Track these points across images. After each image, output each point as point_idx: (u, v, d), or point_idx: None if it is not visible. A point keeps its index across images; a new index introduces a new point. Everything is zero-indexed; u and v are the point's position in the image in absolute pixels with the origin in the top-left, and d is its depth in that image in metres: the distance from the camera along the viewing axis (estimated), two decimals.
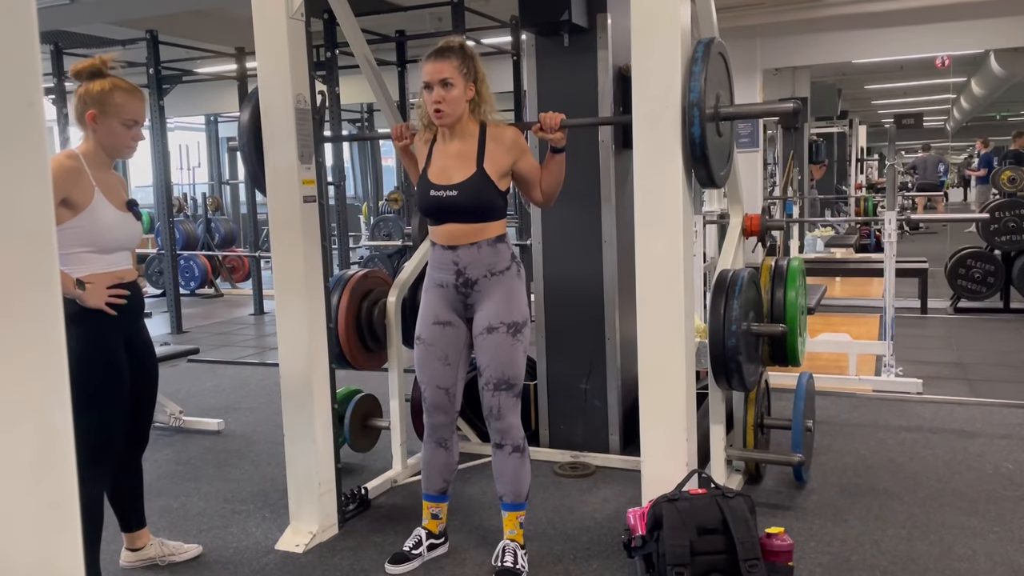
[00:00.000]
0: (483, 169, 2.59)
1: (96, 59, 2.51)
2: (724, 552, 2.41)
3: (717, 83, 2.64)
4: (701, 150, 2.52)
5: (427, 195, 2.65)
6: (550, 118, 2.61)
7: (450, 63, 2.56)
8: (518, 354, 2.65)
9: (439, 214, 2.65)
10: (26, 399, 0.70)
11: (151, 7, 6.66)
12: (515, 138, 2.65)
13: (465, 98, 2.60)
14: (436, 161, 2.67)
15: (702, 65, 2.51)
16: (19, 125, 0.69)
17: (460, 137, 2.64)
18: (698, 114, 2.49)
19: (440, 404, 2.75)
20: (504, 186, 2.64)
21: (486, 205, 2.61)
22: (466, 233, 2.62)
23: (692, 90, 2.50)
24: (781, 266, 3.28)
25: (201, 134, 14.69)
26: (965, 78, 13.72)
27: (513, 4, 4.10)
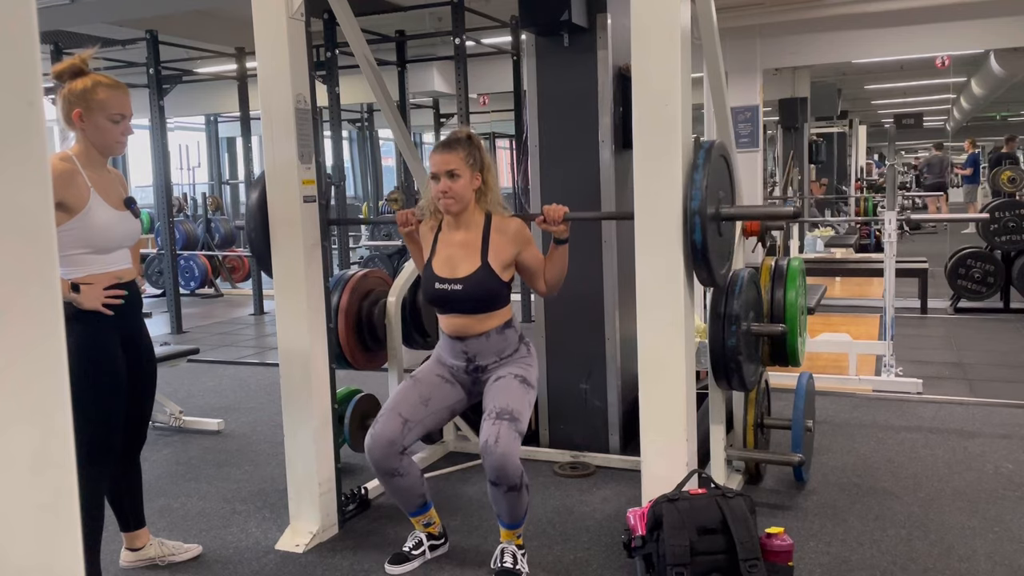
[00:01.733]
0: (487, 263, 2.63)
1: (76, 58, 2.50)
2: (724, 552, 2.40)
3: (718, 184, 2.65)
4: (703, 255, 2.54)
5: (432, 287, 2.69)
6: (554, 211, 2.65)
7: (456, 155, 2.61)
8: (525, 398, 2.64)
9: (445, 306, 2.70)
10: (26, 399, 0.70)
11: (151, 7, 6.66)
12: (519, 230, 2.69)
13: (471, 187, 2.65)
14: (441, 251, 2.71)
15: (703, 172, 2.52)
16: (19, 125, 0.69)
17: (465, 227, 2.69)
18: (699, 221, 2.50)
19: (387, 434, 2.62)
20: (508, 277, 2.68)
21: (491, 297, 2.66)
22: (473, 324, 2.67)
23: (694, 198, 2.51)
24: (781, 266, 3.28)
25: (201, 134, 14.69)
26: (965, 78, 13.72)
27: (513, 4, 4.10)
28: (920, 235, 13.49)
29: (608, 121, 3.59)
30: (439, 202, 2.65)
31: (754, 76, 8.32)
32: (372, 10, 6.81)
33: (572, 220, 2.69)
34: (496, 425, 2.52)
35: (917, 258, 7.72)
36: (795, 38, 8.43)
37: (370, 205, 14.05)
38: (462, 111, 6.09)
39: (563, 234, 2.66)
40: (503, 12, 6.70)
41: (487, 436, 2.51)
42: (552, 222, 2.64)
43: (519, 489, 2.55)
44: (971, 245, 7.43)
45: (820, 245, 10.25)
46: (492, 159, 2.73)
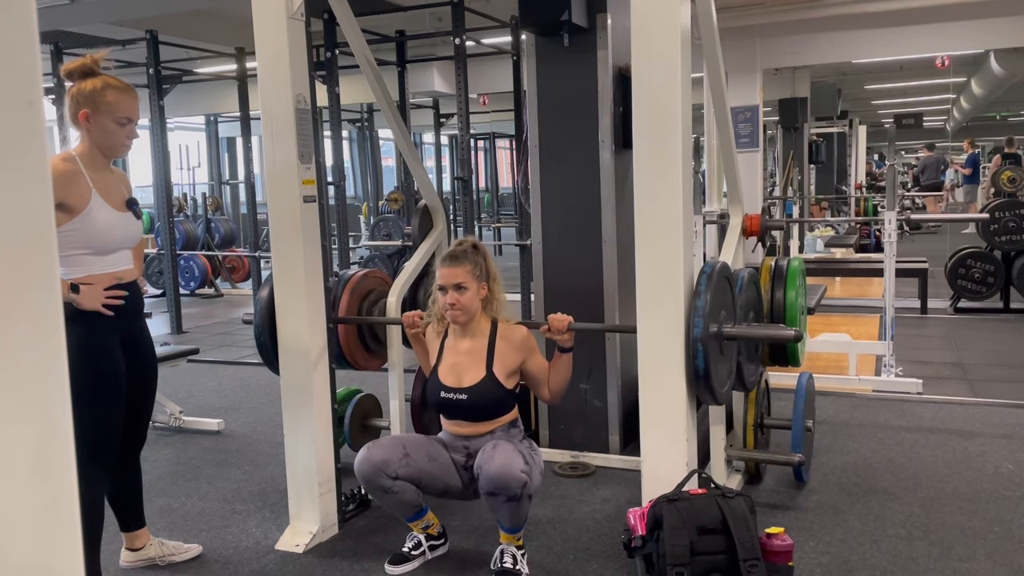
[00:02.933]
0: (492, 373, 2.70)
1: (87, 58, 2.50)
2: (724, 552, 2.41)
3: (720, 305, 2.66)
4: (706, 380, 2.55)
5: (437, 396, 2.75)
6: (558, 321, 2.70)
7: (463, 268, 2.68)
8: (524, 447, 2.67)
9: (450, 413, 2.77)
10: (26, 399, 0.70)
11: (151, 7, 6.65)
12: (524, 338, 2.75)
13: (478, 298, 2.72)
14: (447, 358, 2.77)
15: (705, 297, 2.53)
16: (19, 125, 0.69)
17: (471, 335, 2.76)
18: (702, 348, 2.51)
19: (382, 458, 2.63)
20: (512, 384, 2.74)
21: (495, 405, 2.72)
22: (477, 428, 2.73)
23: (696, 325, 2.52)
24: (781, 266, 3.28)
25: (201, 134, 14.69)
26: (965, 78, 13.72)
27: (513, 4, 4.10)
28: (920, 235, 13.49)
29: (608, 121, 3.59)
30: (447, 313, 2.72)
31: (754, 76, 8.32)
32: (372, 10, 6.81)
33: (576, 330, 2.74)
34: (491, 443, 2.59)
35: (917, 258, 7.72)
36: (795, 38, 8.43)
37: (370, 205, 14.04)
38: (462, 111, 6.09)
39: (567, 343, 2.72)
40: (503, 12, 6.70)
41: (483, 451, 2.57)
42: (556, 331, 2.70)
43: (519, 499, 2.54)
44: (971, 245, 7.43)
45: (820, 245, 10.25)
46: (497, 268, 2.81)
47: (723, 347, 2.67)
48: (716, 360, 2.59)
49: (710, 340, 2.53)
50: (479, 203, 16.09)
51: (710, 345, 2.53)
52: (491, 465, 2.49)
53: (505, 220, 15.66)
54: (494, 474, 2.48)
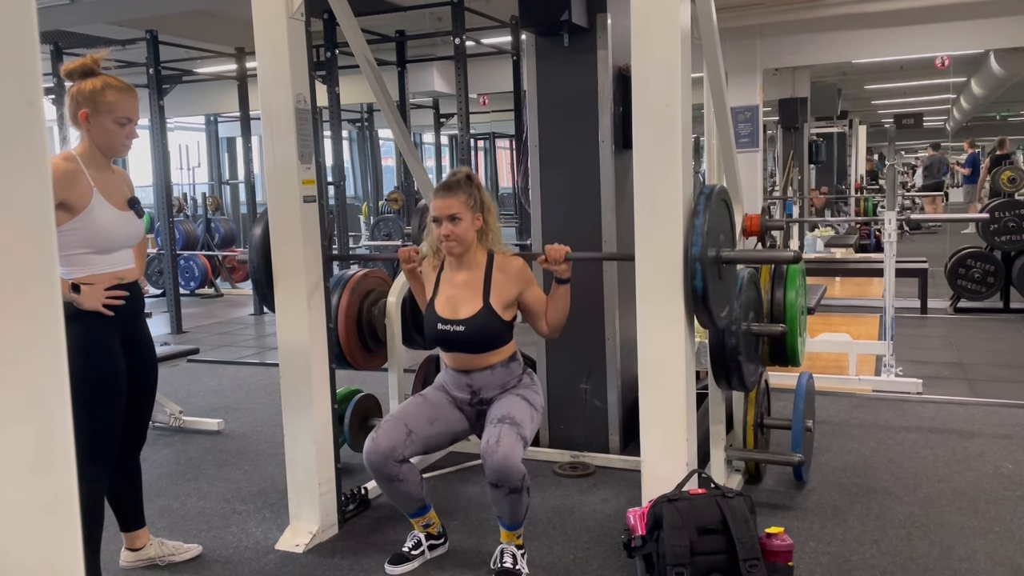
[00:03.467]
0: (489, 304, 2.67)
1: (87, 58, 2.50)
2: (724, 552, 2.40)
3: (719, 228, 2.65)
4: (703, 300, 2.54)
5: (435, 328, 2.73)
6: (555, 250, 2.67)
7: (457, 198, 2.64)
8: (529, 412, 2.67)
9: (447, 346, 2.74)
10: (26, 398, 0.70)
11: (151, 7, 6.66)
12: (521, 270, 2.73)
13: (473, 229, 2.69)
14: (444, 291, 2.74)
15: (704, 217, 2.53)
16: (19, 125, 0.69)
17: (468, 267, 2.73)
18: (700, 268, 2.50)
19: (389, 443, 2.61)
20: (509, 316, 2.71)
21: (493, 338, 2.69)
22: (476, 360, 2.71)
23: (694, 244, 2.51)
24: (781, 266, 3.28)
25: (201, 134, 14.69)
26: (965, 78, 13.72)
27: (513, 4, 4.10)
28: (920, 235, 13.50)
29: (608, 121, 3.59)
30: (442, 245, 2.70)
31: (754, 76, 8.33)
32: (372, 10, 6.82)
33: (574, 260, 2.72)
34: (497, 428, 2.54)
35: (917, 258, 7.72)
36: (795, 38, 8.44)
37: (370, 205, 14.05)
38: (462, 111, 6.09)
39: (565, 273, 2.70)
40: (503, 12, 6.70)
41: (488, 438, 2.53)
42: (554, 261, 2.68)
43: (520, 491, 2.55)
44: (971, 245, 7.43)
45: (820, 245, 10.25)
46: (492, 198, 2.77)
47: (721, 271, 2.66)
48: (714, 282, 2.58)
49: (708, 261, 2.51)
50: None
51: (708, 267, 2.51)
52: (494, 458, 2.48)
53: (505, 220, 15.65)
54: (497, 466, 2.48)
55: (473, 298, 2.69)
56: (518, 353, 2.79)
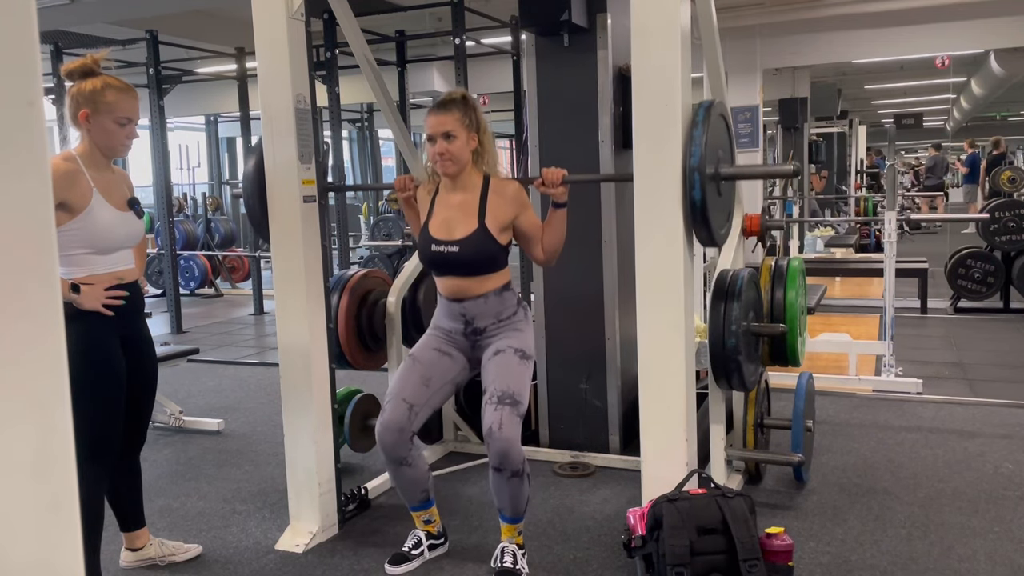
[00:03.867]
0: (484, 225, 2.61)
1: (87, 58, 2.50)
2: (724, 552, 2.40)
3: (717, 144, 2.65)
4: (702, 213, 2.53)
5: (428, 249, 2.67)
6: (552, 173, 2.64)
7: (452, 115, 2.59)
8: (524, 375, 2.64)
9: (441, 268, 2.68)
10: (26, 399, 0.70)
11: (151, 7, 6.66)
12: (517, 192, 2.67)
13: (468, 148, 2.62)
14: (438, 213, 2.69)
15: (703, 129, 2.52)
16: (19, 125, 0.69)
17: (463, 189, 2.67)
18: (699, 178, 2.50)
19: (397, 420, 2.62)
20: (505, 240, 2.66)
21: (488, 260, 2.63)
22: (470, 286, 2.65)
23: (693, 155, 2.50)
24: (781, 266, 3.28)
25: (201, 134, 14.69)
26: (965, 78, 13.72)
27: (513, 4, 4.10)
28: (920, 235, 13.50)
29: (608, 121, 3.59)
30: (436, 164, 2.63)
31: (754, 76, 8.33)
32: (372, 10, 6.82)
33: (571, 183, 2.67)
34: (499, 411, 2.52)
35: (917, 258, 7.72)
36: (795, 38, 8.44)
37: (370, 205, 14.04)
38: None
39: (562, 197, 2.65)
40: (503, 12, 6.70)
41: (491, 423, 2.52)
42: (550, 184, 2.63)
43: (521, 475, 2.57)
44: (971, 245, 7.43)
45: (820, 245, 10.25)
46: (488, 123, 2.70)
47: (720, 187, 2.66)
48: (713, 198, 2.57)
49: (707, 174, 2.50)
50: None
51: (707, 179, 2.50)
52: (498, 443, 2.49)
53: None
54: (500, 449, 2.50)
55: (468, 219, 2.62)
56: (512, 283, 2.72)
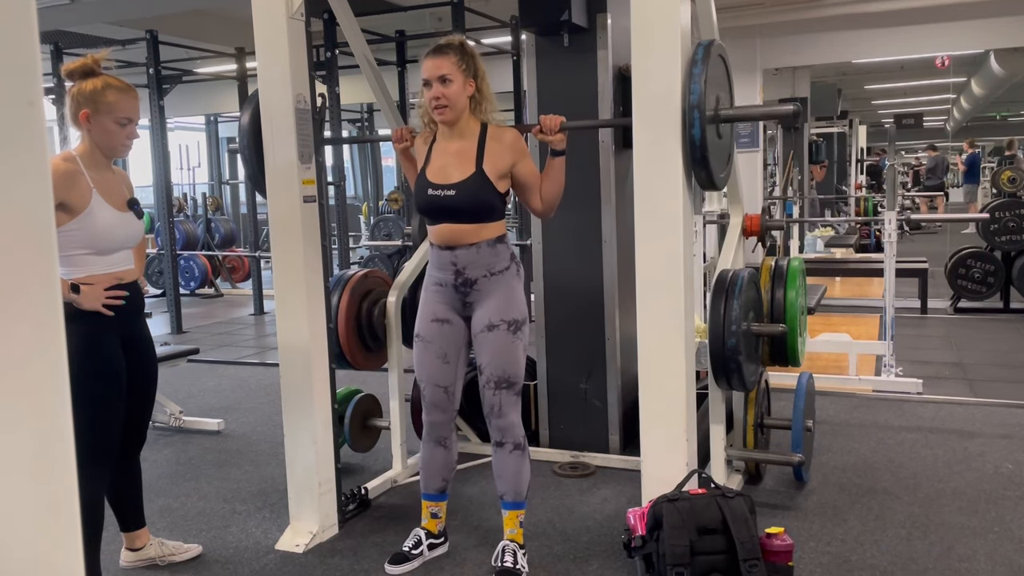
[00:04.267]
0: (482, 169, 2.57)
1: (88, 58, 2.50)
2: (724, 552, 2.41)
3: (717, 85, 2.65)
4: (701, 152, 2.52)
5: (425, 194, 2.63)
6: (550, 120, 2.60)
7: (448, 59, 2.54)
8: (518, 351, 2.65)
9: (437, 214, 2.63)
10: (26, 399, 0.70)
11: (151, 7, 6.66)
12: (515, 139, 2.63)
13: (465, 94, 2.57)
14: (435, 160, 2.65)
15: (702, 67, 2.51)
16: (19, 125, 0.69)
17: (460, 136, 2.62)
18: (698, 116, 2.49)
19: (439, 402, 2.75)
20: (503, 188, 2.61)
21: (484, 206, 2.59)
22: (464, 234, 2.60)
23: (692, 92, 2.50)
24: (781, 266, 3.28)
25: (201, 134, 14.68)
26: (965, 78, 13.72)
27: (513, 4, 4.10)
28: (920, 235, 13.50)
29: None
30: (432, 111, 2.59)
31: (754, 76, 8.32)
32: (372, 10, 6.81)
33: (569, 130, 2.65)
34: (497, 395, 2.63)
35: (917, 258, 7.72)
36: (795, 38, 8.43)
37: (370, 205, 14.04)
38: None
39: (560, 144, 2.62)
40: (503, 12, 6.70)
41: (491, 404, 2.64)
42: (548, 131, 2.61)
43: (523, 449, 2.67)
44: (971, 245, 7.43)
45: (820, 245, 10.25)
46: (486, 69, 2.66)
47: (720, 130, 2.66)
48: (713, 139, 2.57)
49: (706, 114, 2.49)
50: None
51: (706, 119, 2.50)
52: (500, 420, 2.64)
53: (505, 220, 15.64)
54: (501, 426, 2.65)
55: (465, 165, 2.58)
56: (507, 237, 2.69)
